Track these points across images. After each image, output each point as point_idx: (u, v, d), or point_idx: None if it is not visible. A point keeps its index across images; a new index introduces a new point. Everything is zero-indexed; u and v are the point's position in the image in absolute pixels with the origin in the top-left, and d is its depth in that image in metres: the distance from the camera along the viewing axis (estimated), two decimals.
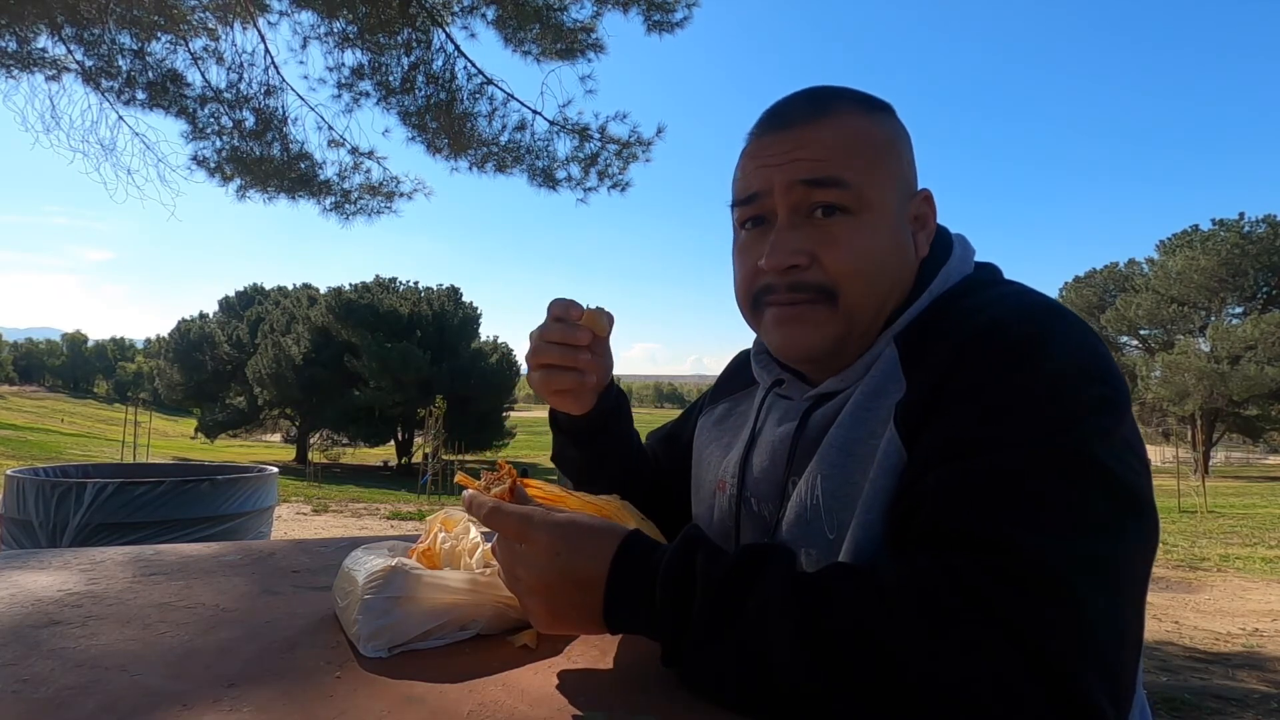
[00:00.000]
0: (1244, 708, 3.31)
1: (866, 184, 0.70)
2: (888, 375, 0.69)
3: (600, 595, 0.61)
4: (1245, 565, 7.48)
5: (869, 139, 0.72)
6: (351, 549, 0.79)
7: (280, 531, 7.66)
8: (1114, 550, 0.54)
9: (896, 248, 0.73)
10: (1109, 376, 0.62)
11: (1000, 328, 0.63)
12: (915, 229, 0.75)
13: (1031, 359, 0.61)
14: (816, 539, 0.69)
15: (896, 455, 0.64)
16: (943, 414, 0.62)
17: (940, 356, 0.64)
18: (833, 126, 0.71)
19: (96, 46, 4.86)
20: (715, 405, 0.97)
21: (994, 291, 0.71)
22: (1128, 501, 0.57)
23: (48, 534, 3.40)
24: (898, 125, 0.76)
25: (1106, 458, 0.57)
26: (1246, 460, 45.01)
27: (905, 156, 0.75)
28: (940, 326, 0.68)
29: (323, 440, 31.39)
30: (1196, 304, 31.70)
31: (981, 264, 0.78)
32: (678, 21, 4.99)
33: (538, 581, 0.62)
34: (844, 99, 0.74)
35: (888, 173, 0.73)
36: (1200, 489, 15.09)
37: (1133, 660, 0.54)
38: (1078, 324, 0.65)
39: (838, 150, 0.70)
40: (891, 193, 0.73)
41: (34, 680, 0.59)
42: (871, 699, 0.51)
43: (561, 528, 0.63)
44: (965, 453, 0.58)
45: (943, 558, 0.54)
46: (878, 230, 0.71)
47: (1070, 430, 0.57)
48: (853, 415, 0.70)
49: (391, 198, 5.80)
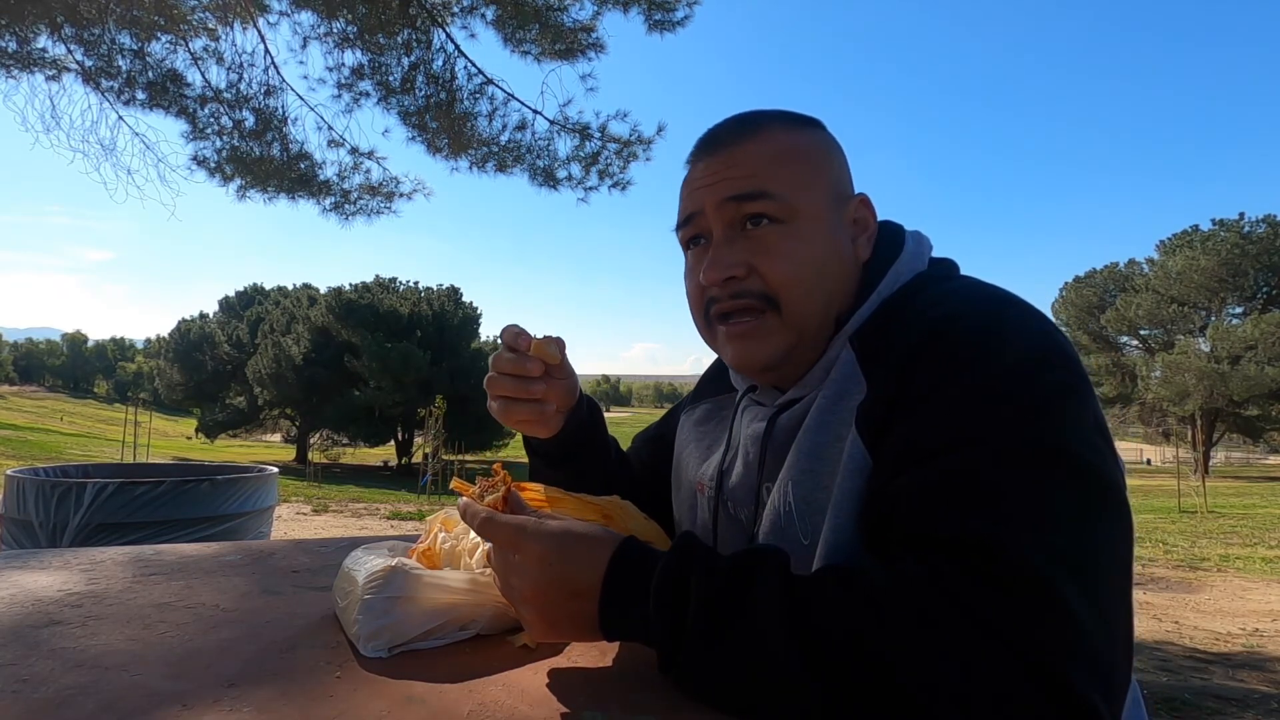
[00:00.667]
0: (1244, 708, 3.31)
1: (795, 193, 0.72)
2: (848, 377, 0.69)
3: (595, 604, 0.61)
4: (1245, 565, 7.48)
5: (795, 151, 0.74)
6: (351, 549, 0.79)
7: (280, 531, 7.66)
8: (1092, 541, 0.55)
9: (832, 252, 0.74)
10: (1068, 361, 0.62)
11: (954, 322, 0.63)
12: (856, 232, 0.77)
13: (988, 352, 0.61)
14: (792, 545, 0.69)
15: (861, 458, 0.64)
16: (906, 414, 0.62)
17: (897, 355, 0.65)
18: (759, 143, 0.74)
19: (96, 46, 4.86)
20: (696, 406, 0.97)
21: (946, 286, 0.71)
22: (1101, 489, 0.57)
23: (48, 534, 3.40)
24: (827, 137, 0.78)
25: (1075, 445, 0.57)
26: (1246, 460, 45.04)
27: (836, 165, 0.77)
28: (895, 325, 0.69)
29: (323, 440, 31.39)
30: (1196, 304, 31.70)
31: (937, 260, 0.79)
32: (679, 20, 4.99)
33: (532, 591, 0.62)
34: (771, 119, 0.76)
35: (817, 181, 0.74)
36: (1200, 489, 15.08)
37: (1123, 653, 0.54)
38: (1031, 311, 0.65)
39: (764, 164, 0.73)
40: (822, 199, 0.74)
41: (34, 680, 0.59)
42: (865, 702, 0.51)
43: (555, 537, 0.63)
44: (934, 453, 0.58)
45: (927, 561, 0.54)
46: (810, 236, 0.73)
47: (1035, 421, 0.57)
48: (818, 420, 0.70)
49: (391, 198, 5.80)
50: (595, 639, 0.63)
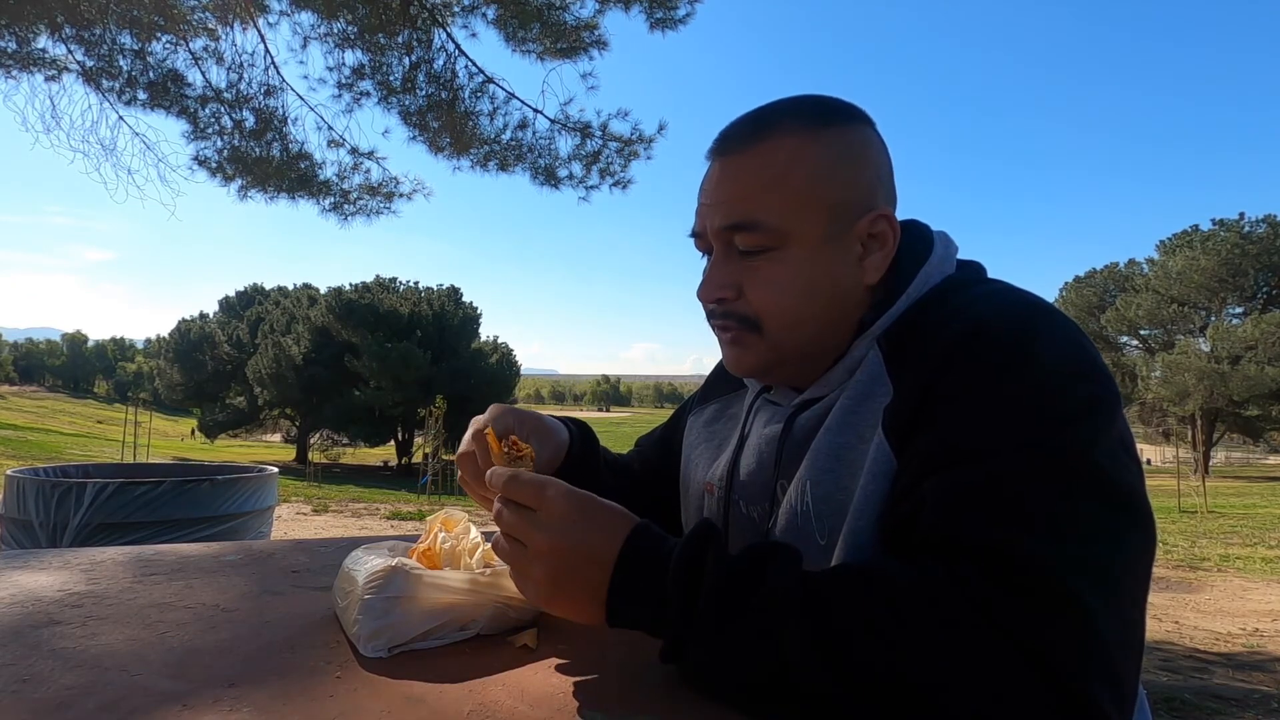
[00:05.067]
0: (1244, 708, 3.30)
1: (786, 217, 0.70)
2: (874, 379, 0.69)
3: (608, 574, 0.60)
4: (1245, 565, 7.48)
5: (795, 166, 0.70)
6: (351, 549, 0.79)
7: (280, 531, 7.66)
8: (1114, 553, 0.55)
9: (823, 275, 0.71)
10: (1098, 374, 0.61)
11: (985, 328, 0.63)
12: (872, 249, 0.72)
13: (1019, 360, 0.60)
14: (808, 545, 0.68)
15: (886, 461, 0.64)
16: (933, 419, 0.61)
17: (926, 359, 0.64)
18: (761, 155, 0.71)
19: (96, 46, 4.86)
20: (705, 406, 0.97)
21: (977, 291, 0.70)
22: (1125, 503, 0.57)
23: (48, 534, 3.40)
24: (846, 138, 0.72)
25: (1101, 459, 0.57)
26: (1246, 460, 45.03)
27: (848, 175, 0.71)
28: (924, 329, 0.68)
29: (323, 440, 31.40)
30: (1196, 304, 31.70)
31: (965, 262, 0.78)
32: (680, 18, 4.98)
33: (548, 546, 0.61)
34: (783, 120, 0.72)
35: (815, 199, 0.70)
36: (1200, 489, 15.09)
37: (1135, 663, 0.54)
38: (1063, 322, 0.65)
39: (758, 187, 0.70)
40: (819, 220, 0.70)
41: (34, 680, 0.59)
42: (875, 699, 0.51)
43: (580, 499, 0.63)
44: (962, 459, 0.58)
45: (948, 565, 0.54)
46: (799, 262, 0.71)
47: (1063, 432, 0.57)
48: (840, 420, 0.70)
49: (391, 198, 5.80)
50: (595, 612, 0.62)
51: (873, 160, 0.73)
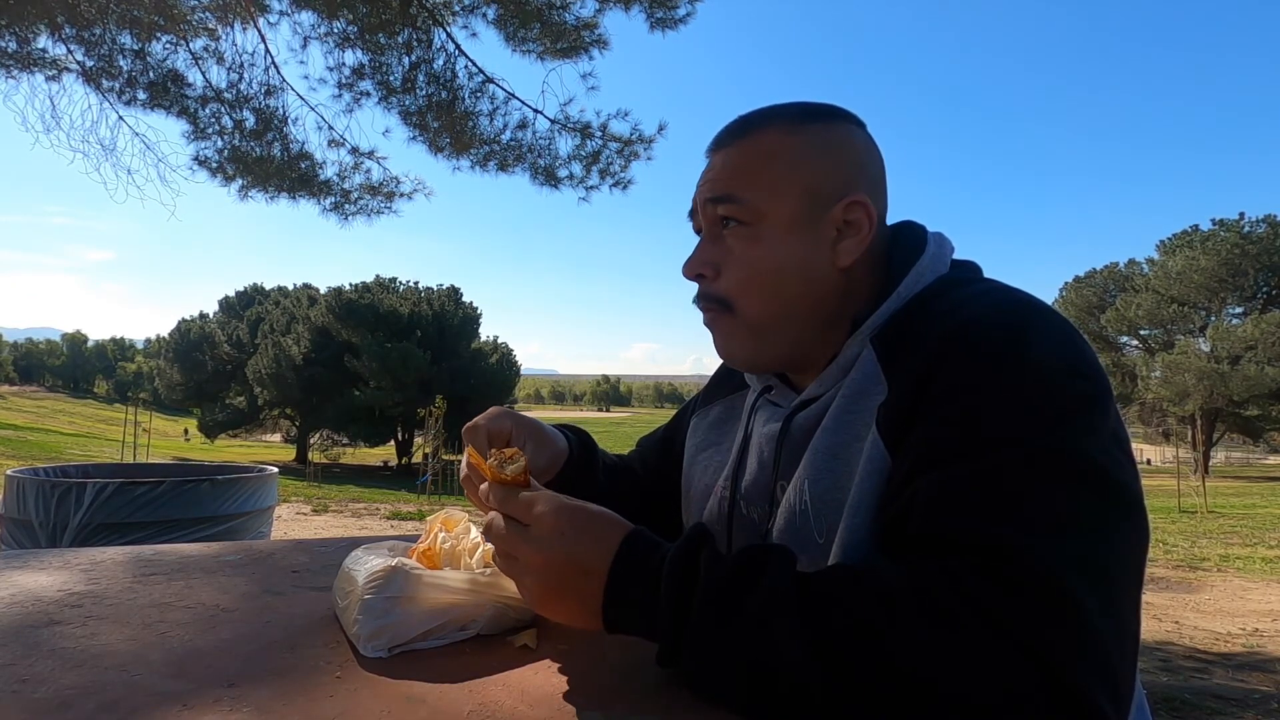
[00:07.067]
0: (1244, 708, 3.30)
1: (763, 197, 0.73)
2: (869, 377, 0.69)
3: (602, 583, 0.60)
4: (1245, 565, 7.48)
5: (776, 153, 0.74)
6: (351, 549, 0.79)
7: (280, 531, 7.66)
8: (1108, 549, 0.55)
9: (794, 256, 0.73)
10: (1091, 371, 0.62)
11: (978, 326, 0.63)
12: (847, 234, 0.74)
13: (1012, 357, 0.61)
14: (806, 544, 0.69)
15: (881, 459, 0.64)
16: (927, 416, 0.62)
17: (919, 357, 0.64)
18: (746, 147, 0.76)
19: (96, 46, 4.86)
20: (709, 407, 0.97)
21: (971, 289, 0.71)
22: (1118, 498, 0.57)
23: (48, 534, 3.40)
24: (828, 133, 0.75)
25: (1095, 454, 0.57)
26: (1246, 460, 45.05)
27: (826, 163, 0.74)
28: (918, 326, 0.68)
29: (323, 440, 31.40)
30: (1196, 304, 31.71)
31: (960, 262, 0.78)
32: (680, 18, 4.98)
33: (539, 560, 0.61)
34: (772, 119, 0.76)
35: (792, 183, 0.73)
36: (1200, 489, 15.09)
37: (1131, 659, 0.54)
38: (1056, 319, 0.65)
39: (741, 168, 0.75)
40: (793, 203, 0.73)
41: (34, 680, 0.59)
42: (869, 697, 0.51)
43: (570, 511, 0.63)
44: (955, 456, 0.58)
45: (942, 561, 0.54)
46: (770, 240, 0.73)
47: (1057, 429, 0.57)
48: (836, 419, 0.70)
49: (391, 198, 5.80)
50: (592, 623, 0.62)
51: (852, 153, 0.76)
